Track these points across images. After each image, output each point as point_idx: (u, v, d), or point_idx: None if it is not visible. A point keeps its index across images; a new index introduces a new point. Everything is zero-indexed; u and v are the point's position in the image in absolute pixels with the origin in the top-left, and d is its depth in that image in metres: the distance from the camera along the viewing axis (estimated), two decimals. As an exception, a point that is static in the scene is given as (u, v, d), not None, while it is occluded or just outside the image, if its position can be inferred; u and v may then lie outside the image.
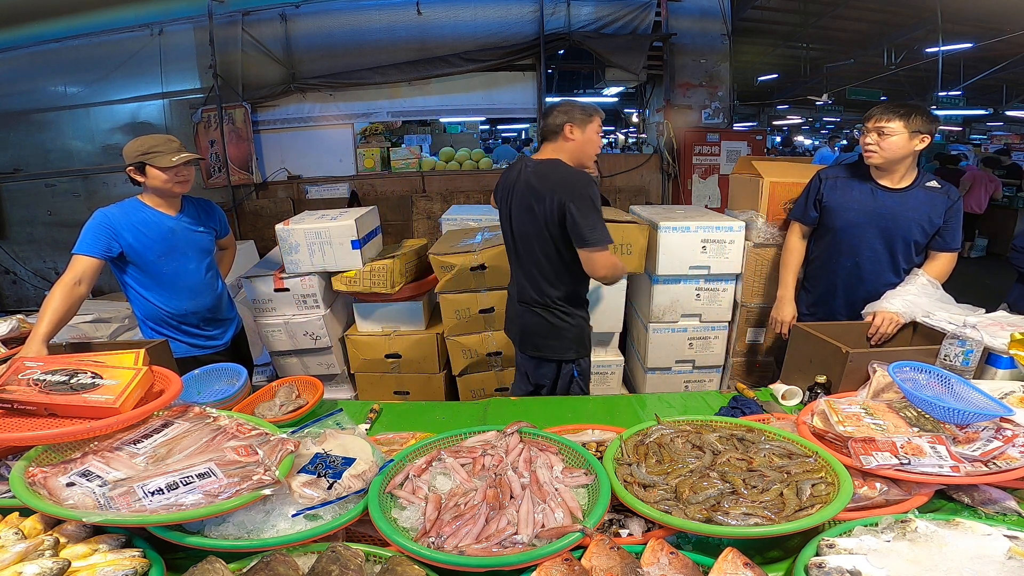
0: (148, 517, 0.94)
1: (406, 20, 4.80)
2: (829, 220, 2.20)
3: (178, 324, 2.12)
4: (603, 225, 1.85)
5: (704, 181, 5.23)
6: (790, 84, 11.86)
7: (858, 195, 2.13)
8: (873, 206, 2.10)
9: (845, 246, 2.17)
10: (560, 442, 1.28)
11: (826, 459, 1.14)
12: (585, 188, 1.83)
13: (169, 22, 4.83)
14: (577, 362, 2.08)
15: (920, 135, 1.97)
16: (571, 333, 2.05)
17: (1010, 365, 1.55)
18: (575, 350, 2.07)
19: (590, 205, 1.82)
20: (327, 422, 1.36)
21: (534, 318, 2.04)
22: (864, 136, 2.06)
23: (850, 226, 2.14)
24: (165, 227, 2.03)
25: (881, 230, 2.10)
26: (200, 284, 2.14)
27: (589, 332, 2.12)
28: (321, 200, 4.98)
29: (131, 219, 1.97)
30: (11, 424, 1.15)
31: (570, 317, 2.02)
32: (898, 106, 1.99)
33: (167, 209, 2.05)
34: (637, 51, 4.76)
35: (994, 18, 6.81)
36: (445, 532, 0.99)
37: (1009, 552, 0.88)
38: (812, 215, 2.25)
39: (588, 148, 1.92)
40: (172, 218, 2.05)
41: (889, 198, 2.09)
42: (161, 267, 2.03)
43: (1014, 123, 14.27)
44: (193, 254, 2.11)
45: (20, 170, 5.26)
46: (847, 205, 2.14)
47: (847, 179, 2.18)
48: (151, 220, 2.01)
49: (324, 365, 3.00)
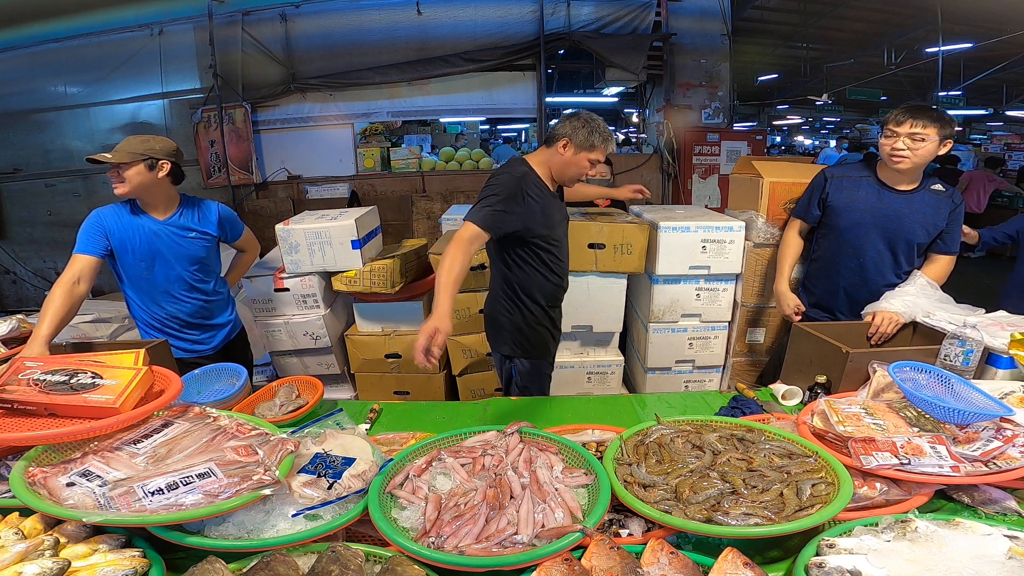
0: (148, 517, 0.94)
1: (406, 20, 4.80)
2: (834, 219, 2.19)
3: (160, 326, 2.12)
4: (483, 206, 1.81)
5: (704, 181, 5.24)
6: (790, 84, 11.86)
7: (864, 195, 2.12)
8: (879, 207, 2.10)
9: (849, 247, 2.17)
10: (560, 442, 1.28)
11: (826, 459, 1.14)
12: (497, 174, 1.88)
13: (169, 22, 4.84)
14: (513, 360, 2.08)
15: (947, 140, 1.97)
16: (507, 327, 2.04)
17: (1010, 365, 1.55)
18: (509, 346, 2.06)
19: (487, 187, 1.86)
20: (327, 422, 1.36)
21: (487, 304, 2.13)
22: (891, 140, 1.98)
23: (855, 226, 2.13)
24: (148, 230, 2.00)
25: (885, 231, 2.10)
26: (180, 290, 2.10)
27: (534, 334, 2.07)
28: (321, 200, 4.98)
29: (120, 220, 1.98)
30: (11, 424, 1.15)
31: (507, 310, 2.03)
32: (930, 111, 1.96)
33: (155, 212, 2.02)
34: (637, 51, 4.76)
35: (994, 18, 6.81)
36: (445, 532, 0.99)
37: (1009, 552, 0.88)
38: (815, 213, 2.25)
39: (569, 170, 1.92)
40: (158, 222, 2.02)
41: (895, 200, 2.09)
42: (139, 270, 2.02)
43: (1014, 123, 14.26)
44: (176, 260, 2.06)
45: (20, 170, 5.26)
46: (853, 205, 2.14)
47: (853, 179, 2.17)
48: (135, 222, 1.99)
49: (324, 365, 3.00)
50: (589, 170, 1.93)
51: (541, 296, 2.03)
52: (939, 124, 1.93)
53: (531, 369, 2.10)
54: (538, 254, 1.96)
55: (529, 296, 2.02)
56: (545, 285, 2.02)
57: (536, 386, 2.12)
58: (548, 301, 2.06)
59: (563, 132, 1.87)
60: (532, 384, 2.11)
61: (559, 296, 2.13)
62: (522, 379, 2.10)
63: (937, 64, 8.03)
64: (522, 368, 2.09)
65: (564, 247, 2.09)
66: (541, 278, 2.00)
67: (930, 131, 1.93)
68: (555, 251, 2.01)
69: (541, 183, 1.93)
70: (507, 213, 1.81)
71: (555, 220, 1.99)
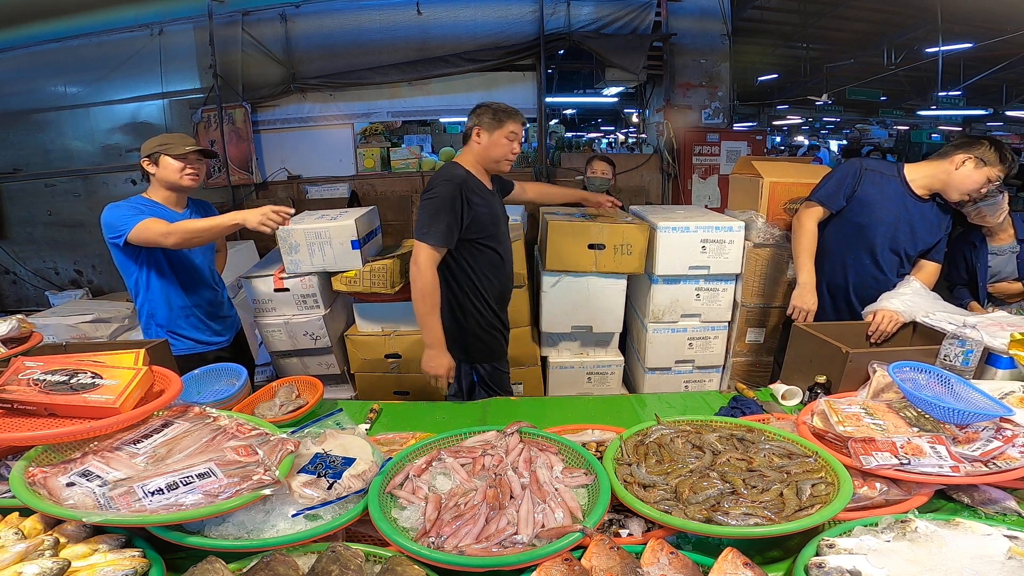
0: (148, 517, 0.94)
1: (406, 20, 4.79)
2: (858, 213, 2.14)
3: (186, 317, 2.14)
4: (433, 221, 1.84)
5: (704, 181, 5.23)
6: (790, 84, 11.84)
7: (892, 195, 2.11)
8: (901, 210, 2.11)
9: (867, 243, 2.15)
10: (560, 442, 1.28)
11: (826, 459, 1.14)
12: (434, 185, 1.89)
13: (169, 22, 4.83)
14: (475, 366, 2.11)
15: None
16: (461, 335, 2.06)
17: (1010, 365, 1.55)
18: (469, 354, 2.09)
19: (428, 199, 1.88)
20: (327, 422, 1.37)
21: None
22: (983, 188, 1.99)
23: (879, 223, 2.12)
24: (176, 220, 2.04)
25: (901, 234, 2.12)
26: (206, 278, 2.19)
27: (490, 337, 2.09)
28: (321, 200, 4.97)
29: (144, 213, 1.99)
30: (11, 424, 1.15)
31: (459, 318, 2.05)
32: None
33: (174, 207, 2.08)
34: (637, 51, 4.75)
35: (994, 18, 6.80)
36: (445, 532, 0.99)
37: (1009, 552, 0.88)
38: (840, 202, 2.16)
39: (493, 151, 1.95)
40: (180, 214, 2.09)
41: (915, 207, 2.11)
42: (171, 257, 2.06)
43: (1014, 123, 14.27)
44: (198, 248, 2.14)
45: (20, 170, 5.26)
46: (882, 203, 2.11)
47: (886, 176, 2.14)
48: (163, 213, 2.02)
49: (324, 365, 3.00)
50: (512, 146, 1.95)
51: (491, 298, 2.06)
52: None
53: (492, 372, 2.13)
54: (484, 256, 1.99)
55: (480, 299, 2.04)
56: (491, 286, 2.05)
57: (500, 386, 2.14)
58: (497, 302, 2.09)
59: (472, 124, 1.95)
60: (497, 385, 2.13)
61: (506, 296, 2.15)
62: (487, 383, 2.13)
63: (937, 64, 8.02)
64: (484, 373, 2.12)
65: (507, 244, 2.11)
66: (487, 280, 2.03)
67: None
68: (499, 250, 2.04)
69: (479, 183, 1.97)
70: (455, 224, 1.87)
71: (499, 218, 2.03)
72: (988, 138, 2.00)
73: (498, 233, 2.02)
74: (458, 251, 1.96)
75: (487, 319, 2.07)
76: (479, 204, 1.92)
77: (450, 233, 1.87)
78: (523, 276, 2.82)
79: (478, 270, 2.00)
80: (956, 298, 2.39)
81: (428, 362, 1.92)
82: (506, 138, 1.94)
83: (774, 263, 2.66)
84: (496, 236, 2.01)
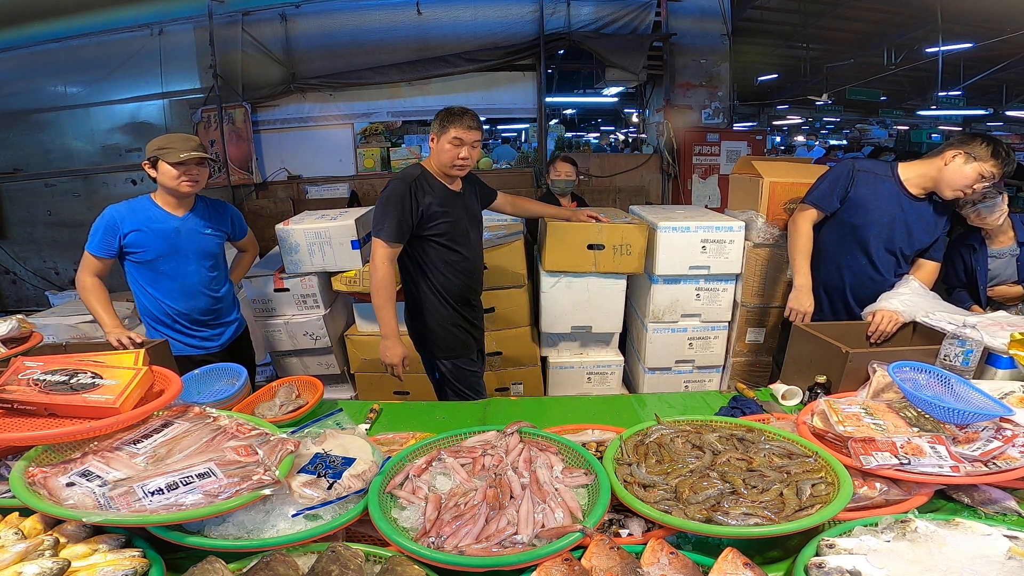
0: (148, 517, 0.94)
1: (406, 20, 4.80)
2: (852, 214, 2.14)
3: (171, 322, 2.14)
4: (384, 218, 1.92)
5: (704, 181, 5.23)
6: (790, 84, 11.84)
7: (886, 195, 2.10)
8: (896, 210, 2.10)
9: (861, 244, 2.15)
10: (560, 442, 1.28)
11: (826, 459, 1.14)
12: (388, 184, 1.98)
13: (169, 22, 4.83)
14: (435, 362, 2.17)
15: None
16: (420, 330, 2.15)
17: (1010, 365, 1.55)
18: (428, 349, 2.16)
19: (381, 197, 1.95)
20: (327, 422, 1.37)
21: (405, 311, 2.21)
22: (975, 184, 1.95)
23: (873, 224, 2.11)
24: (169, 227, 2.04)
25: (897, 234, 2.11)
26: (195, 287, 2.14)
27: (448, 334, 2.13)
28: (321, 200, 4.97)
29: (137, 217, 2.01)
30: (11, 424, 1.15)
31: (418, 313, 2.12)
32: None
33: (175, 209, 2.07)
34: (637, 51, 4.75)
35: (994, 18, 6.80)
36: (445, 532, 0.99)
37: (1009, 552, 0.88)
38: (834, 204, 2.16)
39: (440, 157, 1.98)
40: (178, 219, 2.07)
41: (910, 206, 2.10)
42: (158, 266, 2.06)
43: (1014, 123, 14.25)
44: (194, 256, 2.11)
45: (20, 170, 5.26)
46: (876, 204, 2.10)
47: (879, 176, 2.13)
48: (155, 220, 2.03)
49: (324, 365, 3.00)
50: (457, 151, 1.95)
51: (449, 295, 2.08)
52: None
53: (453, 369, 2.15)
54: (439, 254, 2.03)
55: (436, 295, 2.08)
56: (449, 284, 2.07)
57: (465, 384, 2.16)
58: (458, 300, 2.11)
59: (430, 132, 2.00)
60: (461, 383, 2.15)
61: (469, 296, 2.17)
62: (449, 380, 2.15)
63: (937, 64, 8.02)
64: (444, 369, 2.15)
65: (472, 245, 2.13)
66: (443, 277, 2.06)
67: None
68: (460, 249, 2.06)
69: (438, 183, 2.01)
70: (404, 221, 1.92)
71: (457, 216, 2.04)
72: (983, 135, 1.99)
73: (456, 232, 2.04)
74: (413, 248, 2.03)
75: (445, 315, 2.10)
76: (433, 204, 1.97)
77: (400, 229, 1.93)
78: (523, 276, 2.82)
79: (433, 267, 2.05)
80: (956, 301, 2.38)
81: (384, 352, 2.03)
82: (449, 143, 1.93)
83: (774, 263, 2.66)
84: (453, 235, 2.03)
